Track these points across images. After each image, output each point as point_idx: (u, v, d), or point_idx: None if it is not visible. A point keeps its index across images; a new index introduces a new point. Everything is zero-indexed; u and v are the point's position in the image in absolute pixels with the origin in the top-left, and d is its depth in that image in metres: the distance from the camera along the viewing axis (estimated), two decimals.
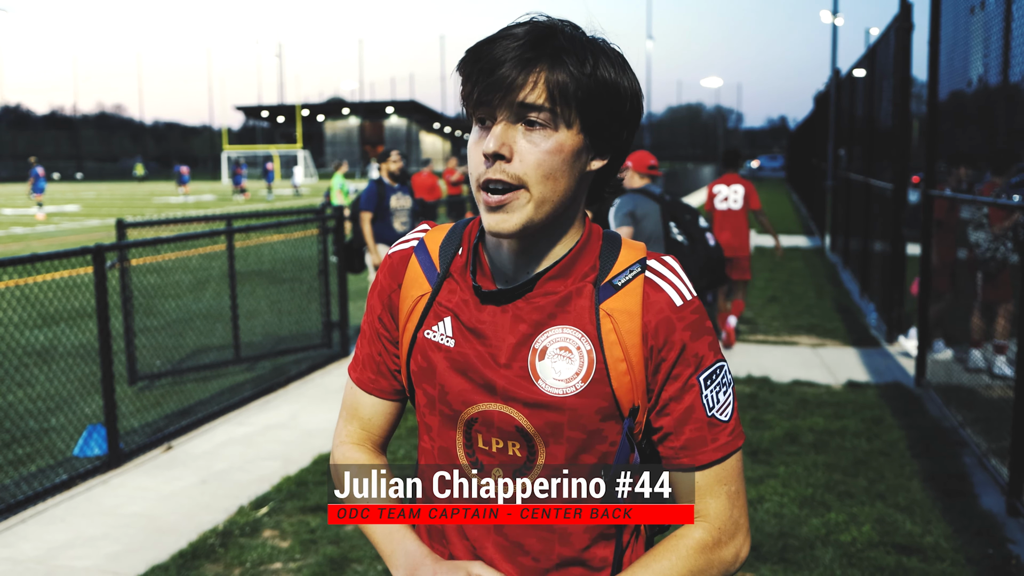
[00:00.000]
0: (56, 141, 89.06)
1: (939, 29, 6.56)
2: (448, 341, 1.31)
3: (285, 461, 5.27)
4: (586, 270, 1.29)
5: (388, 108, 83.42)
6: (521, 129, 1.20)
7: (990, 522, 4.28)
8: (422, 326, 1.34)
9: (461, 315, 1.31)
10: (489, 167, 1.21)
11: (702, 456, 1.26)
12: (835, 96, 17.36)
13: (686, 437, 1.26)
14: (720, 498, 1.27)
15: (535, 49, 1.18)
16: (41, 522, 4.45)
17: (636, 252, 1.30)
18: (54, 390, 6.62)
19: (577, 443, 1.25)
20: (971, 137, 6.61)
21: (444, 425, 1.32)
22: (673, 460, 1.27)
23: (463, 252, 1.35)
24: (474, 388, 1.28)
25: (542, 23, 1.22)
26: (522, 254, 1.28)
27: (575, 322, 1.26)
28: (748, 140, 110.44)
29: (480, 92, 1.19)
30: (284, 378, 7.09)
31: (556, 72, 1.18)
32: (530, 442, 1.26)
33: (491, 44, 1.20)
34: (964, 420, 5.53)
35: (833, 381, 6.99)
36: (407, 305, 1.36)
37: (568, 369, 1.25)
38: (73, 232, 22.35)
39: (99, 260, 5.23)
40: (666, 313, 1.26)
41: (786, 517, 4.33)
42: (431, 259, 1.36)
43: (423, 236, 1.40)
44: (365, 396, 1.44)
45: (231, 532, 4.25)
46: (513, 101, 1.18)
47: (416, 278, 1.36)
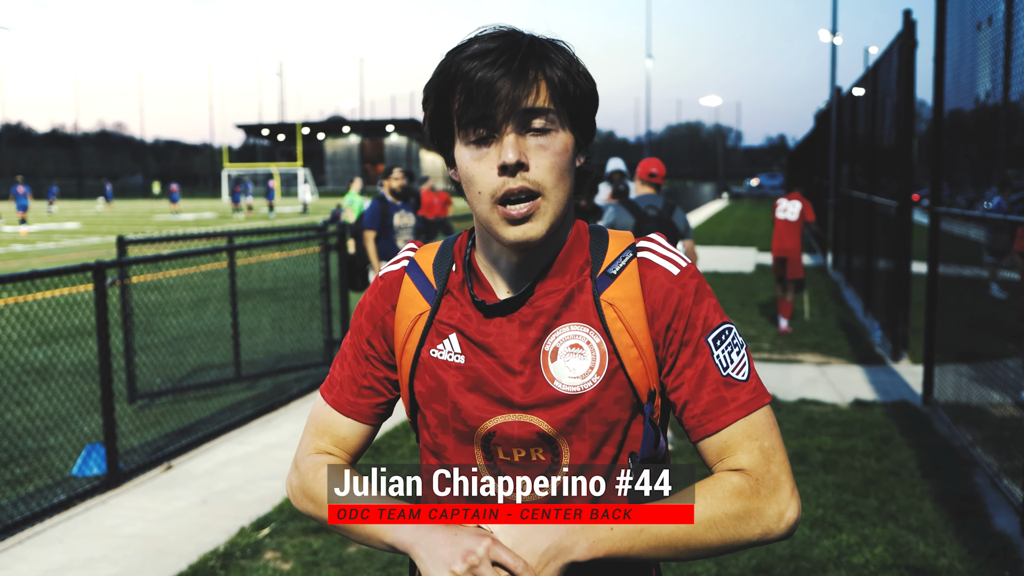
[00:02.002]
0: (57, 159, 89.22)
1: (944, 46, 6.54)
2: (458, 358, 1.29)
3: (287, 481, 5.19)
4: (581, 264, 1.29)
5: (388, 126, 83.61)
6: (529, 136, 1.20)
7: (1004, 543, 4.20)
8: (424, 345, 1.31)
9: (466, 331, 1.29)
10: (510, 179, 1.19)
11: (724, 417, 1.22)
12: (836, 114, 17.38)
13: (705, 401, 1.23)
14: (752, 452, 1.21)
15: (525, 55, 1.19)
16: (39, 544, 4.37)
17: (624, 240, 1.32)
18: (52, 409, 6.55)
19: (600, 436, 1.24)
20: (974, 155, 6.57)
21: (460, 442, 1.29)
22: (698, 429, 1.24)
23: (457, 268, 1.33)
24: (489, 403, 1.26)
25: (506, 32, 1.22)
26: (523, 262, 1.28)
27: (580, 318, 1.26)
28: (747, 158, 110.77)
29: (482, 108, 1.18)
30: (285, 396, 7.02)
31: (553, 72, 1.20)
32: (553, 445, 1.25)
33: (471, 63, 1.18)
34: (974, 439, 5.46)
35: (840, 399, 6.92)
36: (404, 325, 1.33)
37: (581, 365, 1.24)
38: (73, 249, 22.33)
39: (99, 277, 5.18)
40: (668, 285, 1.26)
41: (797, 539, 4.25)
42: (426, 277, 1.34)
43: (413, 255, 1.38)
44: (341, 418, 1.39)
45: (232, 554, 4.17)
46: (520, 110, 1.19)
47: (412, 297, 1.33)
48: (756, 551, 4.09)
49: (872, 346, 9.05)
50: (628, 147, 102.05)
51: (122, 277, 6.42)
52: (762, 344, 9.17)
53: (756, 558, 4.03)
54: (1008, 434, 4.92)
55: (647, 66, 66.67)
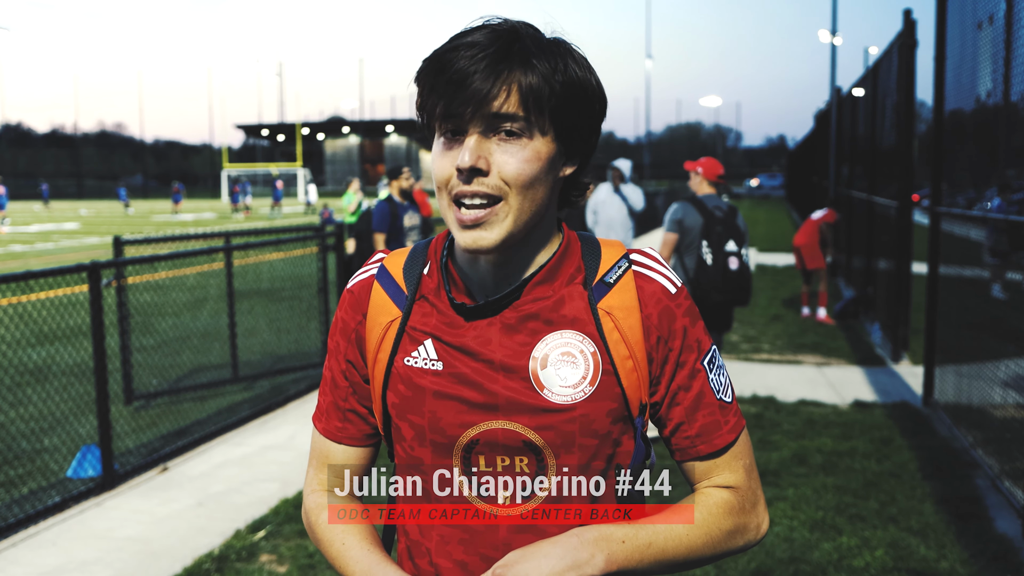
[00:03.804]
0: (56, 159, 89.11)
1: (945, 45, 6.51)
2: (434, 364, 1.23)
3: (283, 483, 5.16)
4: (571, 272, 1.25)
5: (388, 127, 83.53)
6: (496, 140, 1.15)
7: (1006, 546, 4.17)
8: (397, 353, 1.26)
9: (443, 336, 1.23)
10: (465, 181, 1.15)
11: (718, 440, 1.26)
12: (836, 114, 17.35)
13: (700, 424, 1.25)
14: (738, 471, 1.28)
15: (504, 57, 1.13)
16: (32, 546, 4.34)
17: (618, 249, 1.29)
18: (47, 410, 6.52)
19: (590, 450, 1.21)
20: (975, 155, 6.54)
21: (438, 456, 1.23)
22: (690, 450, 1.26)
23: (431, 271, 1.28)
24: (470, 410, 1.21)
25: (503, 28, 1.16)
26: (502, 266, 1.23)
27: (573, 326, 1.22)
28: (747, 159, 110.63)
29: (450, 105, 1.14)
30: (283, 398, 6.99)
31: (528, 79, 1.13)
32: (539, 455, 1.20)
33: (454, 53, 1.14)
34: (975, 441, 5.43)
35: (840, 401, 6.89)
36: (375, 334, 1.28)
37: (574, 374, 1.20)
38: (72, 250, 22.29)
39: (95, 277, 5.15)
40: (665, 302, 1.24)
41: (797, 541, 4.22)
42: (396, 283, 1.29)
43: (382, 262, 1.33)
44: (334, 445, 1.35)
45: (227, 557, 4.14)
46: (487, 113, 1.14)
47: (382, 304, 1.28)
48: (755, 554, 4.06)
49: (872, 347, 9.02)
50: (628, 147, 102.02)
51: (118, 278, 6.39)
52: (762, 345, 9.14)
53: (755, 561, 4.00)
54: (1009, 436, 4.89)
55: (647, 66, 66.72)
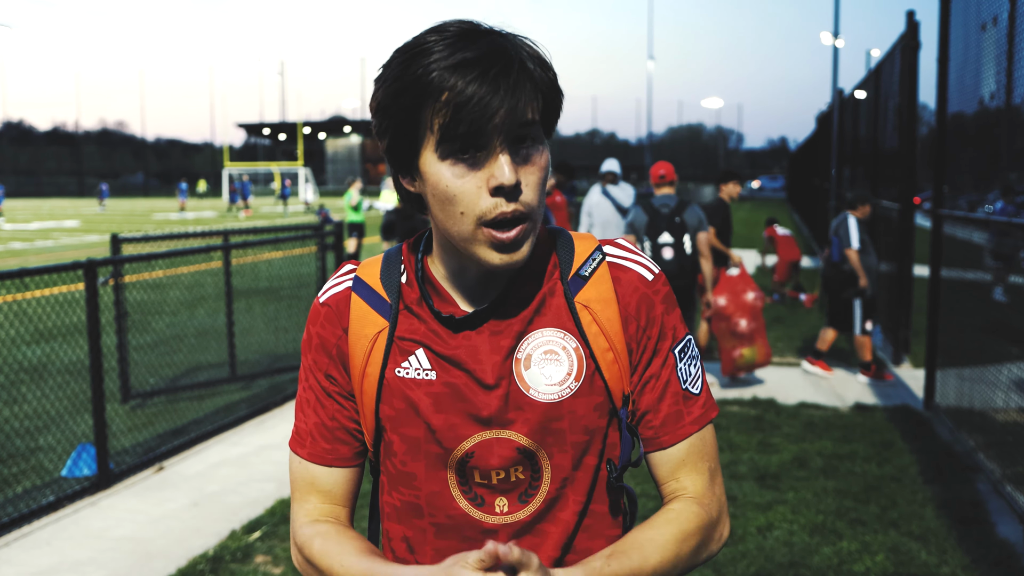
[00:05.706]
0: (58, 157, 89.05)
1: (948, 47, 6.47)
2: (428, 374, 1.19)
3: (279, 483, 5.12)
4: (550, 268, 1.23)
5: None
6: (517, 153, 1.11)
7: (1008, 552, 4.13)
8: (388, 364, 1.21)
9: (433, 345, 1.19)
10: (506, 201, 1.10)
11: (680, 431, 1.23)
12: (838, 116, 17.32)
13: (664, 413, 1.23)
14: (703, 475, 1.24)
15: (515, 68, 1.08)
16: (25, 546, 4.30)
17: (590, 242, 1.26)
18: (43, 408, 6.48)
19: (581, 446, 1.19)
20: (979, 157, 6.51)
21: (432, 468, 1.19)
22: (654, 441, 1.24)
23: (410, 280, 1.23)
24: (464, 421, 1.17)
25: (481, 33, 1.10)
26: (491, 273, 1.19)
27: (553, 322, 1.20)
28: (748, 161, 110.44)
29: (475, 126, 1.06)
30: (280, 397, 6.95)
31: (535, 85, 1.11)
32: (533, 460, 1.18)
33: (460, 71, 1.06)
34: (977, 444, 5.39)
35: (840, 403, 6.85)
36: (362, 346, 1.22)
37: (558, 371, 1.18)
38: (72, 248, 22.27)
39: (91, 275, 5.12)
40: (642, 290, 1.23)
41: (796, 545, 4.18)
42: (376, 292, 1.23)
43: (355, 273, 1.27)
44: (321, 469, 1.26)
45: (222, 557, 4.10)
46: (512, 128, 1.09)
47: (365, 315, 1.22)
48: (754, 559, 4.02)
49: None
50: (629, 149, 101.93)
51: (115, 276, 6.35)
52: None
53: (755, 566, 3.96)
54: (1011, 439, 4.85)
55: (648, 67, 66.70)
